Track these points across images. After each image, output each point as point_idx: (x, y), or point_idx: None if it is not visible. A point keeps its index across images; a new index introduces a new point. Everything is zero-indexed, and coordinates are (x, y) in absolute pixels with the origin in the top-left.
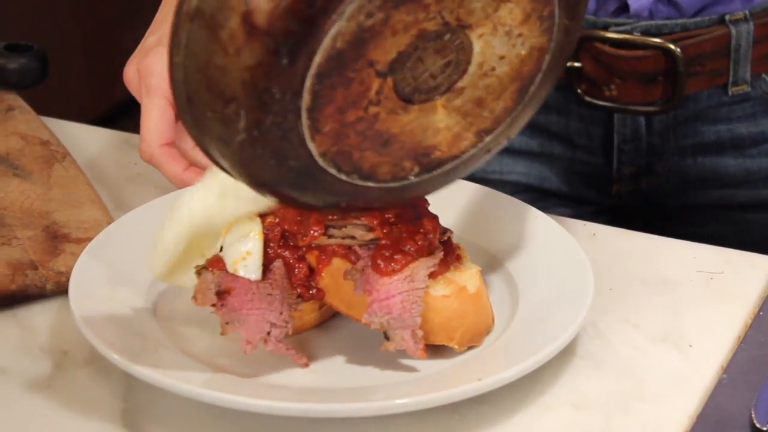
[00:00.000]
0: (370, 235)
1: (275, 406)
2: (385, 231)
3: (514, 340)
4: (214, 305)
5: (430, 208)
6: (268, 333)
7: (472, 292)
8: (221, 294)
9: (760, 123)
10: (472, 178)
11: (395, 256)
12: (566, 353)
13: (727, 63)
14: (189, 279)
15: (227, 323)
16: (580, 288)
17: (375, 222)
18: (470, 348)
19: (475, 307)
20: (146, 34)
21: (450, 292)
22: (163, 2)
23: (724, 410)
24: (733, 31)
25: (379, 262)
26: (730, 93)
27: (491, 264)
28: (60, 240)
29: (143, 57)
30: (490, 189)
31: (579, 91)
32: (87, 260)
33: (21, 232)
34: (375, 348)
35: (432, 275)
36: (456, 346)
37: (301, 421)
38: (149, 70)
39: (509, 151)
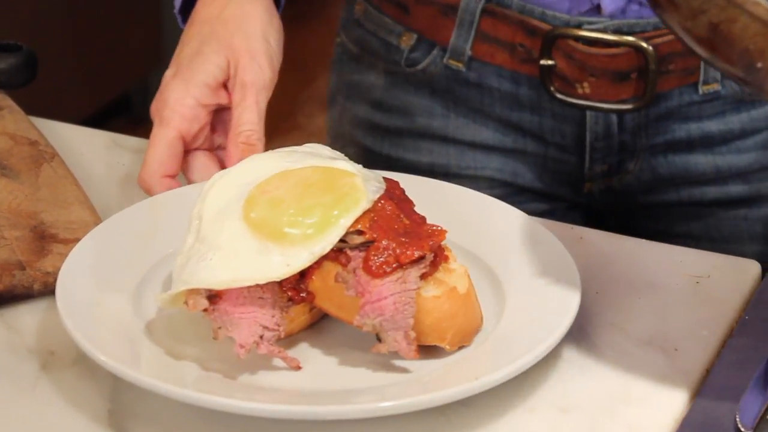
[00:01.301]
0: (361, 239)
1: (266, 409)
2: (375, 234)
3: (500, 343)
4: (205, 310)
5: (416, 209)
6: (261, 336)
7: (463, 292)
8: (213, 298)
9: (730, 121)
10: (446, 173)
11: (386, 258)
12: (552, 356)
13: (698, 61)
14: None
15: (219, 327)
16: (567, 291)
17: (366, 225)
18: (460, 348)
19: (465, 307)
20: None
21: (441, 293)
22: (180, 42)
23: (709, 413)
24: None
25: (370, 263)
26: (700, 91)
27: (477, 267)
28: (48, 240)
29: (161, 90)
30: (476, 192)
31: (552, 89)
32: (74, 261)
33: (8, 232)
34: (366, 350)
35: (422, 276)
36: (447, 347)
37: (291, 423)
38: (164, 102)
39: (483, 147)
